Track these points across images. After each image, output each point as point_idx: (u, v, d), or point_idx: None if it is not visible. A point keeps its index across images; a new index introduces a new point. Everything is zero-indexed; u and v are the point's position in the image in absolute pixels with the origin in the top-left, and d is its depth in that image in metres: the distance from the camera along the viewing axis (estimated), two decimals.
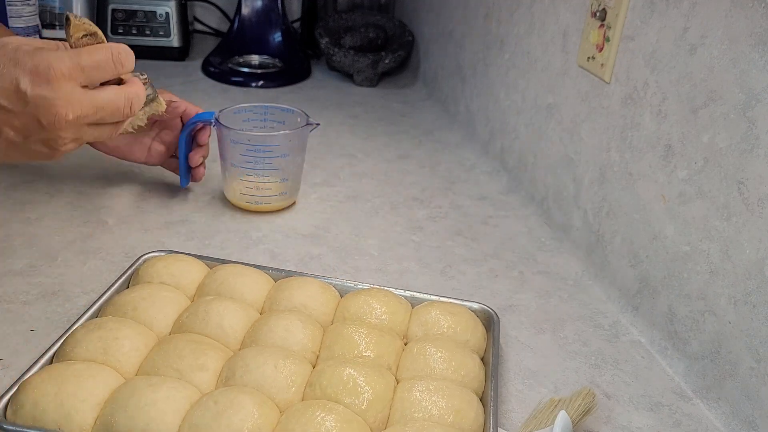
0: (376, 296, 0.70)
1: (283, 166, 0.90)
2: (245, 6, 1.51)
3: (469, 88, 1.26)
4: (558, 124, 0.95)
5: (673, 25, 0.72)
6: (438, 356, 0.63)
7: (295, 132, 0.90)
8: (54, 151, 0.58)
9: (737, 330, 0.64)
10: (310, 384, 0.59)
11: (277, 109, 0.95)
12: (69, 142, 0.57)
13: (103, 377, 0.56)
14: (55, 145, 0.57)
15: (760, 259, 0.61)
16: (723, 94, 0.65)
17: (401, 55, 1.48)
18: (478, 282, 0.84)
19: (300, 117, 0.92)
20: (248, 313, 0.67)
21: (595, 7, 0.85)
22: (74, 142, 0.58)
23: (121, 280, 0.71)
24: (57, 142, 0.56)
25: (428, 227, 0.95)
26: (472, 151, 1.20)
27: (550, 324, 0.78)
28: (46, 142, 0.56)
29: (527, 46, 1.04)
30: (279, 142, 0.88)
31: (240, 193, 0.91)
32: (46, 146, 0.56)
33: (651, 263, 0.76)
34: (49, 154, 0.58)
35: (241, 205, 0.93)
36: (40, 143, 0.56)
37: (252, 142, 0.87)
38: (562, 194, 0.94)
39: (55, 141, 0.56)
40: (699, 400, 0.68)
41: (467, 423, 0.57)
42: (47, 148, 0.56)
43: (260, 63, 1.52)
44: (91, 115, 0.57)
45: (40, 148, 0.56)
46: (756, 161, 0.61)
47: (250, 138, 0.87)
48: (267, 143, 0.88)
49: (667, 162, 0.73)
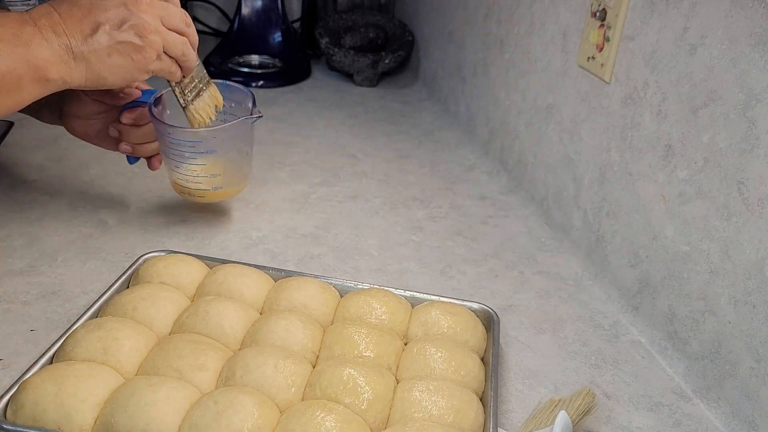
0: (376, 296, 0.70)
1: (211, 162, 0.82)
2: (245, 6, 1.51)
3: (469, 88, 1.26)
4: (558, 124, 0.95)
5: (673, 25, 0.72)
6: (438, 356, 0.63)
7: (220, 128, 0.81)
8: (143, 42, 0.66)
9: (737, 330, 0.64)
10: (310, 384, 0.59)
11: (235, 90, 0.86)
12: (153, 32, 0.67)
13: (103, 377, 0.56)
14: (143, 32, 0.66)
15: (760, 259, 0.61)
16: (723, 94, 0.65)
17: (401, 55, 1.48)
18: (478, 282, 0.84)
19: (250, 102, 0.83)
20: (248, 313, 0.67)
21: (595, 7, 0.85)
22: (157, 35, 0.67)
23: (121, 280, 0.71)
24: (144, 28, 0.66)
25: (428, 227, 0.95)
26: (472, 151, 1.20)
27: (550, 324, 0.78)
28: (136, 28, 0.65)
29: (527, 46, 1.04)
30: (202, 137, 0.80)
31: (175, 182, 0.86)
32: (137, 35, 0.65)
33: (651, 263, 0.76)
34: (141, 46, 0.66)
35: (180, 194, 0.87)
36: (132, 32, 0.65)
37: (173, 136, 0.79)
38: (562, 194, 0.94)
39: (141, 27, 0.66)
40: (699, 400, 0.68)
41: (467, 423, 0.57)
42: (138, 37, 0.66)
43: (260, 63, 1.52)
44: (162, 10, 0.68)
45: (132, 38, 0.65)
46: (756, 161, 0.61)
47: (171, 131, 0.79)
48: (188, 139, 0.79)
49: (667, 162, 0.73)
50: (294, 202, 0.98)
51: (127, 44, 0.66)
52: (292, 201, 0.99)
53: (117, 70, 0.66)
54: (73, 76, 0.64)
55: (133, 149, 0.84)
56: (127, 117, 0.82)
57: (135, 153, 0.84)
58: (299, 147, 1.17)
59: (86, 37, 0.64)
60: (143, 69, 0.68)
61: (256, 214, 0.94)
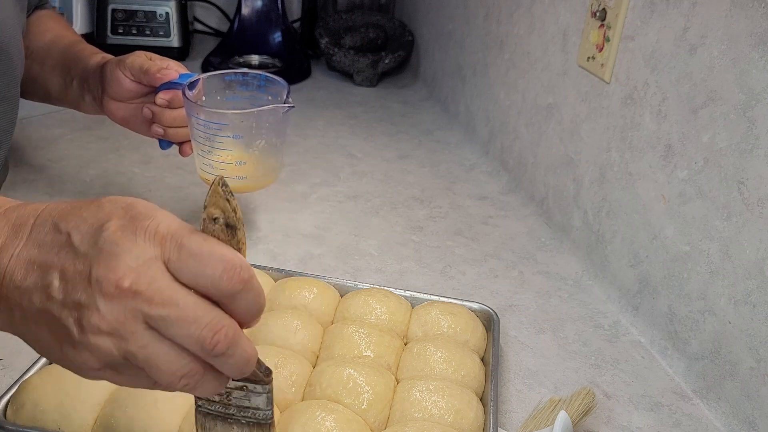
0: (376, 296, 0.70)
1: (238, 149, 0.80)
2: (245, 6, 1.51)
3: (469, 88, 1.26)
4: (558, 124, 0.95)
5: (673, 25, 0.72)
6: (438, 356, 0.63)
7: (248, 113, 0.78)
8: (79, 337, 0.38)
9: (737, 330, 0.64)
10: (310, 384, 0.59)
11: (274, 83, 0.83)
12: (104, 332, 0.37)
13: None
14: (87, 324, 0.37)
15: (760, 259, 0.61)
16: (723, 94, 0.65)
17: (401, 55, 1.48)
18: (478, 282, 0.84)
19: (285, 93, 0.81)
20: None
21: (595, 7, 0.85)
22: (109, 337, 0.37)
23: None
24: (91, 318, 0.37)
25: (428, 227, 0.95)
26: (472, 151, 1.20)
27: (550, 324, 0.78)
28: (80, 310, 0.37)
29: (527, 46, 1.04)
30: (229, 121, 0.78)
31: (200, 168, 0.85)
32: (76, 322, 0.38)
33: (651, 263, 0.76)
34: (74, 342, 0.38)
35: (206, 183, 0.84)
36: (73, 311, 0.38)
37: (203, 117, 0.78)
38: (562, 194, 0.94)
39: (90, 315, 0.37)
40: (699, 400, 0.68)
41: (467, 423, 0.57)
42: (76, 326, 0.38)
43: (260, 63, 1.52)
44: (156, 304, 0.37)
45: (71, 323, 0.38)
46: (756, 161, 0.61)
47: (199, 112, 0.78)
48: (215, 120, 0.78)
49: (667, 162, 0.73)
50: (294, 202, 0.98)
51: (61, 327, 0.38)
52: (292, 201, 0.99)
53: (40, 348, 0.42)
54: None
55: (165, 132, 0.83)
56: (162, 98, 0.81)
57: (167, 137, 0.84)
58: (299, 147, 1.17)
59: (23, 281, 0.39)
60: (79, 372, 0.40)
61: (256, 214, 0.94)
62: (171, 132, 0.84)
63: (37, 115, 1.13)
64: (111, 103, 0.83)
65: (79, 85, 0.84)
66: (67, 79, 0.85)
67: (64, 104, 0.89)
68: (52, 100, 0.89)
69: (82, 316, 0.37)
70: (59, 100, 0.89)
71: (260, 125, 0.81)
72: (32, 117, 1.13)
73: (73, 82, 0.85)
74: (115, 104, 0.83)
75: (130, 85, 0.80)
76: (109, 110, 0.84)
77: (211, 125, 0.79)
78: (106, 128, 1.11)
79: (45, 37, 0.89)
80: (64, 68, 0.86)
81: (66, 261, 0.38)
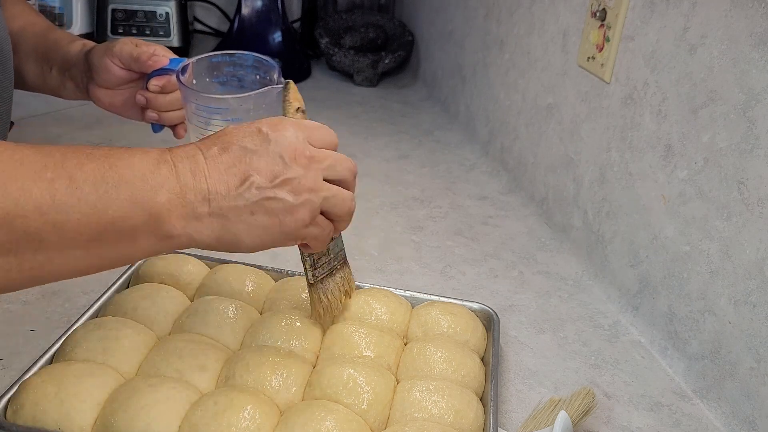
0: (376, 296, 0.70)
1: None
2: (245, 6, 1.51)
3: (469, 88, 1.26)
4: (558, 124, 0.95)
5: (673, 25, 0.72)
6: (438, 356, 0.63)
7: (246, 96, 0.79)
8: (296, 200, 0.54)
9: (737, 330, 0.64)
10: (310, 384, 0.59)
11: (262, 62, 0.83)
12: (309, 189, 0.54)
13: (103, 377, 0.56)
14: (299, 189, 0.54)
15: (760, 259, 0.61)
16: (723, 94, 0.65)
17: (401, 55, 1.48)
18: (478, 282, 0.84)
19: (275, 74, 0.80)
20: (248, 313, 0.67)
21: (595, 7, 0.85)
22: (313, 193, 0.54)
23: (121, 280, 0.71)
24: (300, 182, 0.54)
25: (428, 227, 0.95)
26: (472, 151, 1.20)
27: (550, 324, 0.78)
28: (291, 183, 0.53)
29: (527, 46, 1.04)
30: (228, 105, 0.77)
31: None
32: (290, 192, 0.54)
33: (651, 263, 0.76)
34: (293, 206, 0.53)
35: None
36: (286, 188, 0.53)
37: (199, 102, 0.76)
38: (562, 194, 0.94)
39: (298, 183, 0.53)
40: (699, 400, 0.68)
41: (467, 423, 0.57)
42: (292, 195, 0.53)
43: None
44: (322, 160, 0.55)
45: (285, 195, 0.53)
46: (756, 161, 0.61)
47: (197, 98, 0.78)
48: (214, 105, 0.76)
49: (667, 162, 0.73)
50: None
51: (278, 201, 0.53)
52: None
53: (258, 232, 0.54)
54: (203, 235, 0.52)
55: (159, 117, 0.83)
56: (155, 84, 0.81)
57: (160, 121, 0.84)
58: None
59: (230, 190, 0.52)
60: (291, 234, 0.55)
61: None
62: (165, 116, 0.84)
63: (37, 115, 1.13)
64: (98, 91, 0.82)
65: (59, 73, 0.84)
66: (45, 67, 0.85)
67: (41, 91, 0.88)
68: (27, 87, 0.88)
69: (293, 185, 0.53)
70: (35, 87, 0.88)
71: (257, 107, 0.80)
72: (32, 117, 1.13)
73: (51, 69, 0.84)
74: (103, 91, 0.82)
75: (120, 72, 0.80)
76: (96, 97, 0.84)
77: (208, 109, 0.78)
78: (105, 128, 1.11)
79: (14, 24, 0.88)
80: (40, 56, 0.85)
81: (253, 161, 0.53)
